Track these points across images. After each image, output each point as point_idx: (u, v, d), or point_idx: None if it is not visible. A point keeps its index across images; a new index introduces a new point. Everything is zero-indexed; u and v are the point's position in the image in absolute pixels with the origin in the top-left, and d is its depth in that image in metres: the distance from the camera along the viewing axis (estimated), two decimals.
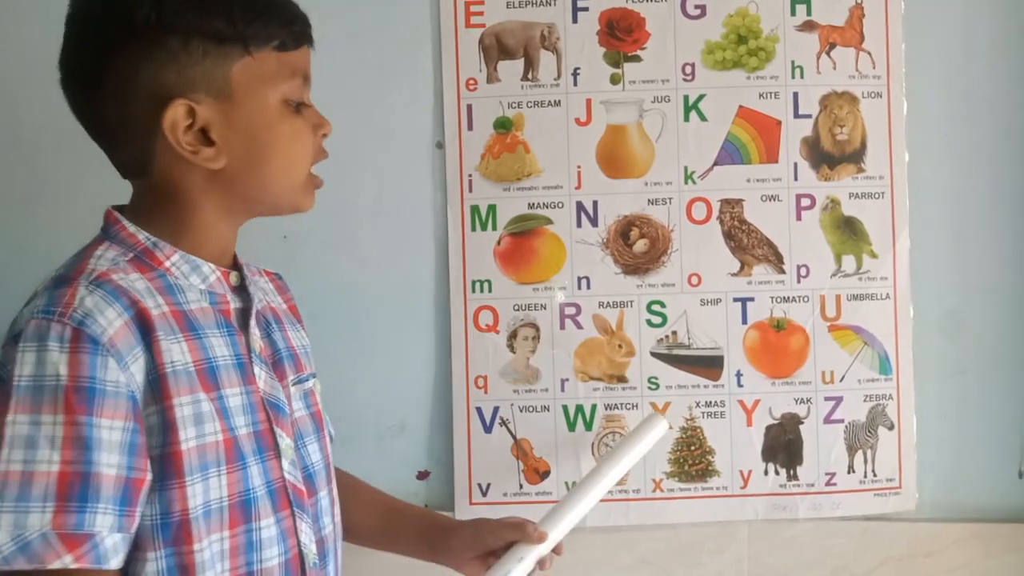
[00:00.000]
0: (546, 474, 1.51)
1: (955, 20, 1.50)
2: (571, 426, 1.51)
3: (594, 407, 1.50)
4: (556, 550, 1.24)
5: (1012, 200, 1.51)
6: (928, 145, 1.50)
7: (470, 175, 1.50)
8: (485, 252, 1.50)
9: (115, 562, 0.88)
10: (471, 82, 1.50)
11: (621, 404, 1.50)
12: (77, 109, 0.99)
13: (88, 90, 0.97)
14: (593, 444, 1.50)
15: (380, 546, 1.27)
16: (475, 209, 1.51)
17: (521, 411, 1.50)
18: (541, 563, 1.21)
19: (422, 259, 1.52)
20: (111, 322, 0.90)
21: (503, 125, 1.50)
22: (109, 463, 0.87)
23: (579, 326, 1.50)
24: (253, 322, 1.04)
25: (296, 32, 1.01)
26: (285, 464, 1.02)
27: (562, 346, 1.50)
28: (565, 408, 1.51)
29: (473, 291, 1.51)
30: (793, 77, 1.49)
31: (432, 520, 1.29)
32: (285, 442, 1.03)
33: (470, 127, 1.50)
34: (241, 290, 1.05)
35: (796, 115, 1.49)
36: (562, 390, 1.50)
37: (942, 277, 1.51)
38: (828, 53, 1.49)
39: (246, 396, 1.00)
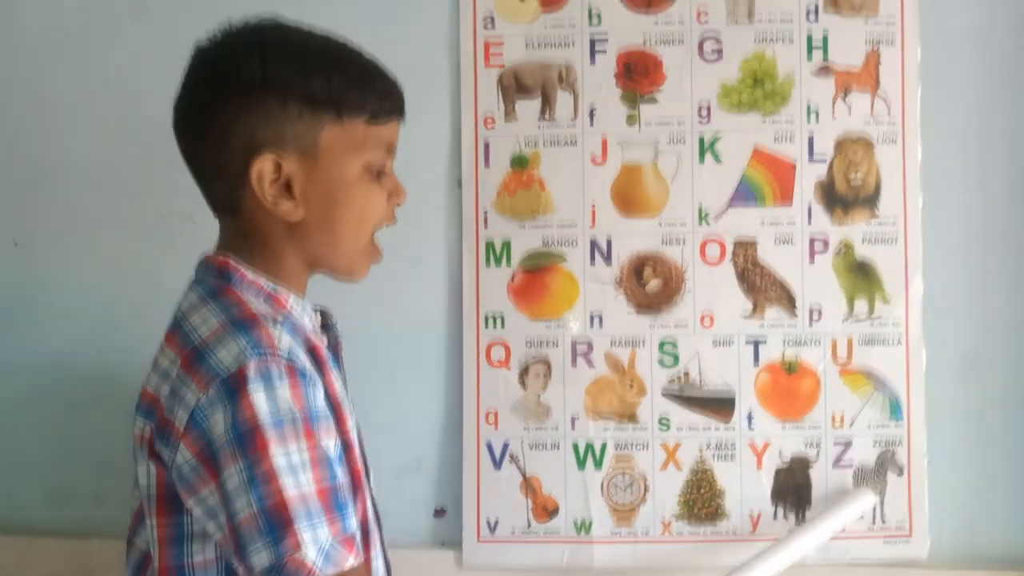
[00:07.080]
0: (555, 512, 1.50)
1: (971, 66, 1.50)
2: (581, 464, 1.50)
3: (604, 446, 1.50)
4: None
5: None
6: (943, 189, 1.49)
7: (486, 211, 1.52)
8: (499, 287, 1.51)
9: (363, 551, 0.97)
10: (489, 120, 1.52)
11: (631, 444, 1.50)
12: (182, 149, 1.07)
13: (193, 133, 1.05)
14: (603, 483, 1.50)
15: None
16: (490, 245, 1.52)
17: (531, 448, 1.50)
18: None
19: (436, 294, 1.53)
20: (303, 356, 0.99)
21: (520, 162, 1.52)
22: (339, 474, 0.97)
23: (591, 364, 1.50)
24: (344, 357, 1.14)
25: (388, 107, 1.07)
26: (368, 491, 1.09)
27: (573, 383, 1.50)
28: (575, 446, 1.50)
29: (486, 326, 1.51)
30: (809, 120, 1.49)
31: None
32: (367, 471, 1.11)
33: (487, 164, 1.52)
34: (325, 328, 1.13)
35: (811, 158, 1.49)
36: (572, 428, 1.50)
37: (958, 321, 1.50)
38: (844, 97, 1.49)
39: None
